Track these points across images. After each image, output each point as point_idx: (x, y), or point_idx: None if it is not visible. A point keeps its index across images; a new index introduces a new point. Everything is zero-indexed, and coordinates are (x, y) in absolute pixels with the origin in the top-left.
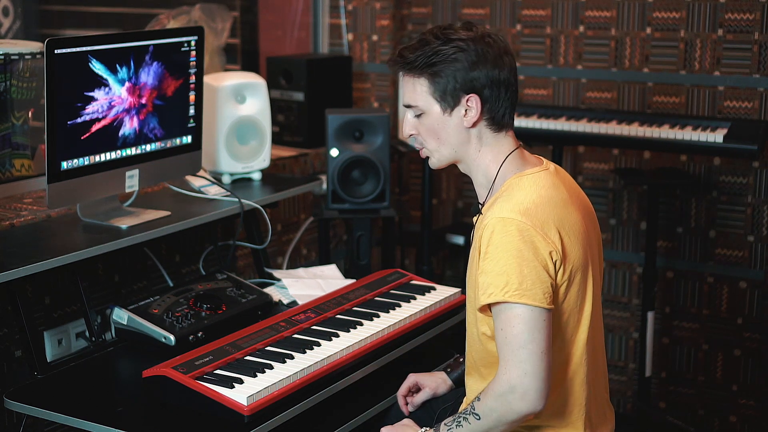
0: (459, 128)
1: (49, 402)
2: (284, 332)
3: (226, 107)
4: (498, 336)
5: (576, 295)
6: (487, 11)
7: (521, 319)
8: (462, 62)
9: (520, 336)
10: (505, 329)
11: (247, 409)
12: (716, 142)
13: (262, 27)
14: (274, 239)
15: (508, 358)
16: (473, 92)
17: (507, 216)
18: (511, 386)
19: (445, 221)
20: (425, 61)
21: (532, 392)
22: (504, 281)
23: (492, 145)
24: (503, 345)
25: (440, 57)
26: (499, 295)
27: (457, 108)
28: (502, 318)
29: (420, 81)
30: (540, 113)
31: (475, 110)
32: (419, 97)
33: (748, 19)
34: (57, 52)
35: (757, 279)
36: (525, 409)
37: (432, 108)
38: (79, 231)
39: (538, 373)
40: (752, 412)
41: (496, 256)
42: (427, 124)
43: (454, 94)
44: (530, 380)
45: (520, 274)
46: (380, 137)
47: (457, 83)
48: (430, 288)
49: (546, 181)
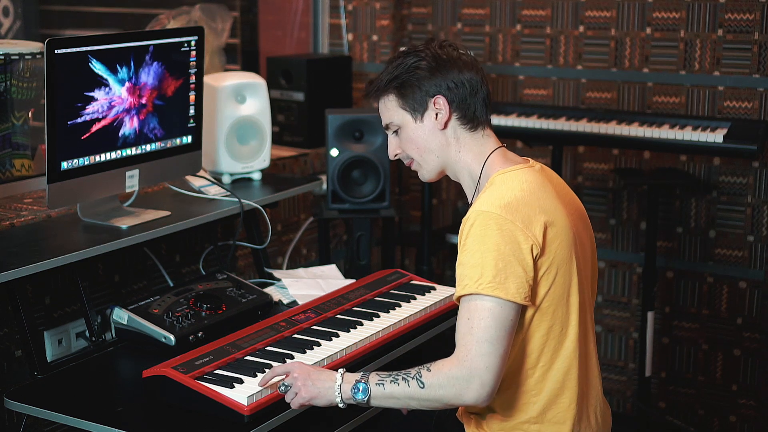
0: (434, 132)
1: (49, 402)
2: (284, 332)
3: (226, 107)
4: (462, 324)
5: (561, 290)
6: (487, 11)
7: (490, 312)
8: (423, 69)
9: (488, 330)
10: (471, 319)
11: (247, 409)
12: (716, 142)
13: (262, 27)
14: (274, 239)
15: (470, 347)
16: (438, 94)
17: (487, 209)
18: (470, 374)
19: (445, 221)
20: (389, 77)
21: (488, 387)
22: (478, 273)
23: (471, 144)
24: (467, 333)
25: (402, 68)
26: (472, 286)
27: (427, 113)
28: (470, 307)
29: (389, 98)
30: (540, 113)
31: (444, 110)
32: (392, 113)
33: (748, 19)
34: (57, 52)
35: (757, 279)
36: (475, 399)
37: (405, 119)
38: (79, 231)
39: (498, 371)
40: (752, 412)
41: (472, 248)
42: (405, 137)
43: (421, 101)
44: (491, 375)
45: (495, 267)
46: (380, 137)
47: (421, 90)
48: (430, 288)
49: (529, 177)
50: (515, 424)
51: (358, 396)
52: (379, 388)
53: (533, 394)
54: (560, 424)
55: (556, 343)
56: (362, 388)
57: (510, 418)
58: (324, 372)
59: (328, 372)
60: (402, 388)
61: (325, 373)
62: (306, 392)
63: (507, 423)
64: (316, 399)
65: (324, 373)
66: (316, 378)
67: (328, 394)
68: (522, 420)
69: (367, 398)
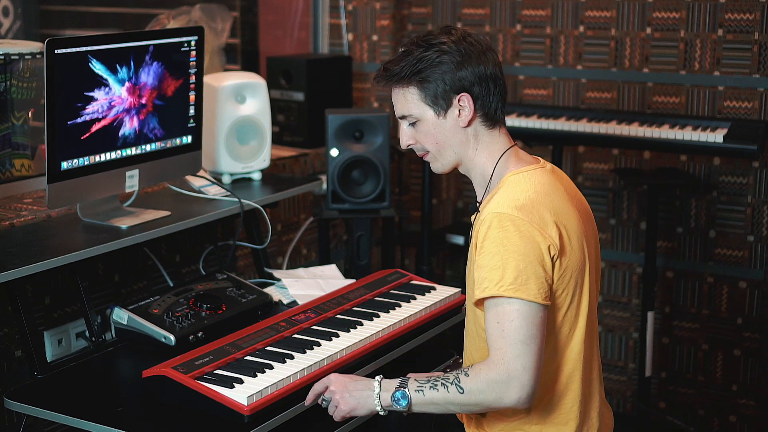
0: (455, 129)
1: (49, 402)
2: (284, 332)
3: (226, 107)
4: (492, 328)
5: (573, 291)
6: (487, 11)
7: (519, 313)
8: (447, 64)
9: (520, 330)
10: (502, 322)
11: (247, 409)
12: (716, 142)
13: (262, 27)
14: (274, 239)
15: (505, 350)
16: (463, 91)
17: (503, 211)
18: (509, 376)
19: (445, 221)
20: (411, 70)
21: (528, 388)
22: (499, 275)
23: (488, 143)
24: (499, 337)
25: (425, 63)
26: (493, 289)
27: (451, 109)
28: (498, 311)
29: (409, 90)
30: (540, 113)
31: (468, 108)
32: (412, 105)
33: (748, 19)
34: (57, 52)
35: (757, 279)
36: (516, 402)
37: (426, 114)
38: (79, 231)
39: (535, 370)
40: (752, 412)
41: (491, 250)
42: (423, 131)
43: (445, 96)
44: (529, 375)
45: (516, 269)
46: (380, 137)
47: (446, 85)
48: (430, 288)
49: (542, 178)
50: (517, 425)
51: (400, 404)
52: (418, 394)
53: (536, 395)
54: (562, 425)
55: (563, 344)
56: (403, 396)
57: (511, 418)
58: (361, 381)
59: (365, 381)
60: (442, 394)
61: (363, 382)
62: (345, 405)
63: (508, 423)
64: (356, 410)
65: (361, 383)
66: (353, 389)
67: (367, 403)
68: (524, 420)
69: (408, 406)
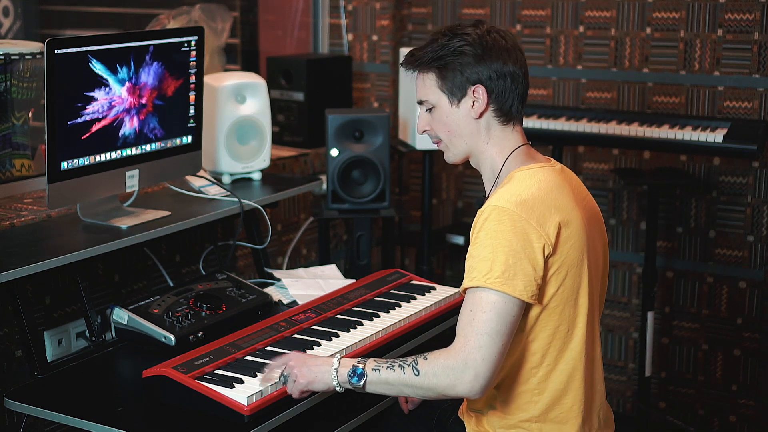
0: (468, 119)
1: (49, 402)
2: (284, 332)
3: (226, 107)
4: (464, 315)
5: (570, 290)
6: (487, 11)
7: (494, 306)
8: (468, 55)
9: (489, 323)
10: (474, 311)
11: (247, 409)
12: (716, 142)
13: (262, 27)
14: (274, 239)
15: (469, 338)
16: (479, 83)
17: (502, 205)
18: (465, 365)
19: (445, 221)
20: (433, 56)
21: (482, 380)
22: (488, 267)
23: (500, 138)
24: (467, 325)
25: (447, 50)
26: (480, 280)
27: (465, 99)
28: (474, 299)
29: (429, 75)
30: (540, 113)
31: (481, 100)
32: (429, 91)
33: (748, 19)
34: (57, 52)
35: (757, 279)
36: (468, 391)
37: (441, 101)
38: (79, 231)
39: (494, 365)
40: (752, 411)
41: (484, 242)
42: (438, 118)
43: (461, 86)
44: (486, 368)
45: (505, 263)
46: (380, 137)
47: (463, 75)
48: (430, 288)
49: (548, 176)
50: (516, 422)
51: (354, 380)
52: (375, 373)
53: (536, 393)
54: (563, 423)
55: (561, 343)
56: (359, 373)
57: (511, 416)
58: (320, 358)
59: (324, 358)
60: (397, 375)
61: (322, 359)
62: (303, 377)
63: (508, 420)
64: (314, 383)
65: (320, 359)
66: (312, 363)
67: (324, 377)
68: (523, 418)
69: (363, 383)
